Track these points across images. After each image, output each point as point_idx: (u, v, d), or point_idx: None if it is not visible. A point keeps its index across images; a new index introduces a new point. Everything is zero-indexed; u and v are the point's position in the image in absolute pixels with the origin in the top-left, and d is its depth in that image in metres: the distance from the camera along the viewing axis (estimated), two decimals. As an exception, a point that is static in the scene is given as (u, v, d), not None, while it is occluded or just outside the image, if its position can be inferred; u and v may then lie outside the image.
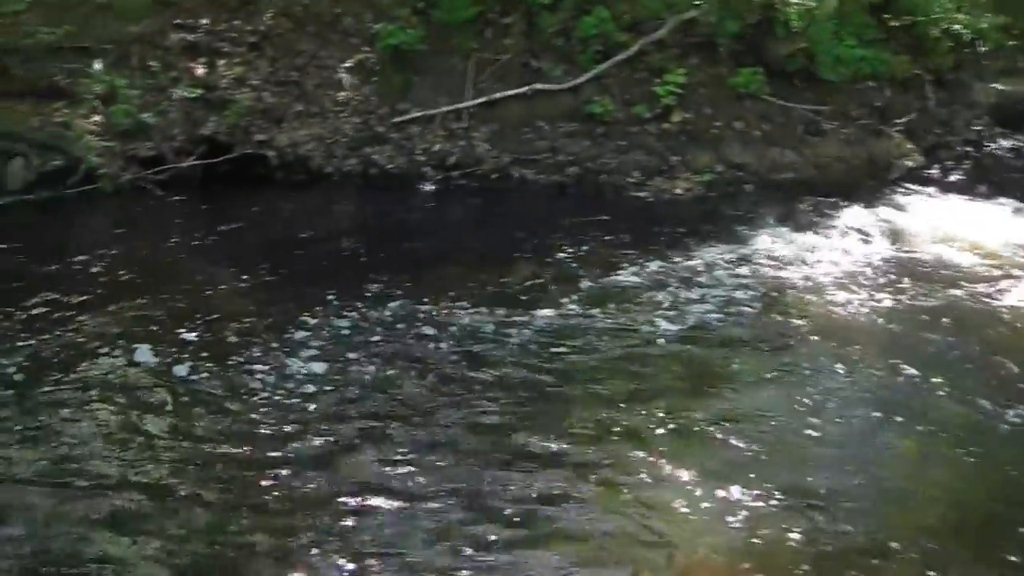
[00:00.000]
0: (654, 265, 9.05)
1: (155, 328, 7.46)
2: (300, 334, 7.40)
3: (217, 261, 9.11)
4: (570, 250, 9.41)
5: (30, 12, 11.13)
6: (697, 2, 12.20)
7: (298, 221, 10.24)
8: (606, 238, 9.76)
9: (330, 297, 8.12)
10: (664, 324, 7.80)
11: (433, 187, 11.18)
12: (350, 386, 6.63)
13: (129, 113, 10.72)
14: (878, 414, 6.52)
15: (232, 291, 8.33)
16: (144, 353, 6.90)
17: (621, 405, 6.48)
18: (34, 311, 7.73)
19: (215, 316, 7.72)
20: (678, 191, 11.27)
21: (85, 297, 8.06)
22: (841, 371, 7.06)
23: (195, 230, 10.04)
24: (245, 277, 8.63)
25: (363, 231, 10.18)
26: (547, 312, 7.95)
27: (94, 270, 8.73)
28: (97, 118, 10.81)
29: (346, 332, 7.53)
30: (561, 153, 11.52)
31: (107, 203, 10.49)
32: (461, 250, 9.60)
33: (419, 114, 11.48)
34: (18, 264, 8.84)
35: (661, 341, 7.56)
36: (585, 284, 8.56)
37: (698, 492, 5.49)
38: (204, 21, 11.73)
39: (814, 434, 6.16)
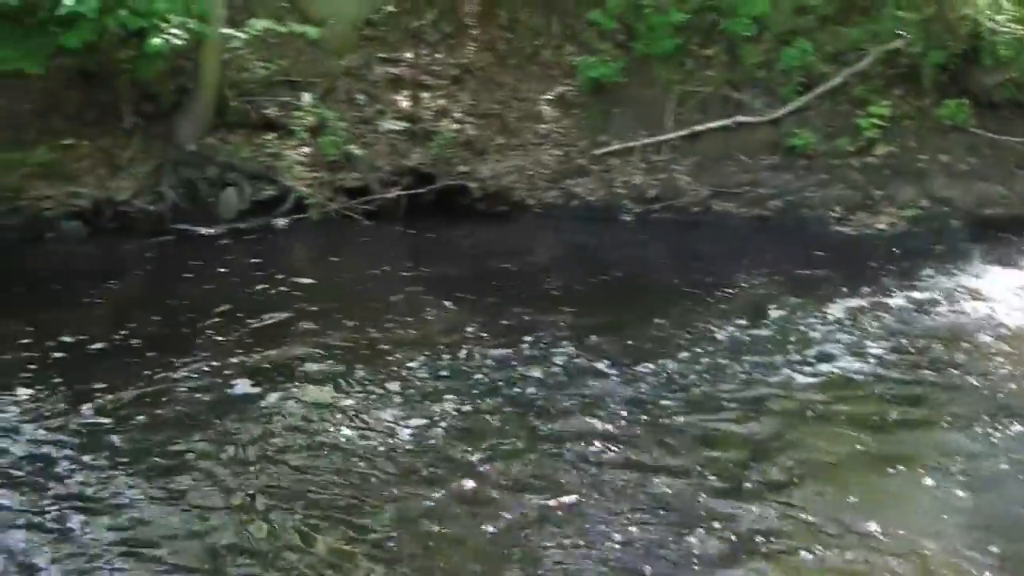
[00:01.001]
0: (853, 302, 8.81)
1: (361, 351, 7.62)
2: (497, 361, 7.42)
3: (419, 289, 9.35)
4: (768, 284, 9.35)
5: (246, 48, 11.59)
6: (901, 32, 12.05)
7: (499, 251, 10.43)
8: (805, 273, 9.67)
9: (526, 333, 8.04)
10: (857, 364, 7.48)
11: (632, 219, 11.24)
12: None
13: (337, 144, 11.08)
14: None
15: (434, 319, 8.51)
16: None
17: (823, 446, 6.22)
18: (246, 331, 8.02)
19: (424, 341, 7.85)
20: (881, 226, 11.14)
21: (292, 320, 8.33)
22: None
23: (399, 258, 10.39)
24: (446, 305, 8.79)
25: (562, 263, 10.35)
26: (756, 356, 7.63)
27: (302, 294, 9.06)
28: (306, 149, 11.20)
29: (548, 366, 7.41)
30: (762, 186, 11.51)
31: (315, 231, 10.86)
32: (660, 284, 9.67)
33: (619, 146, 11.63)
34: (231, 287, 9.26)
35: (858, 378, 7.24)
36: (782, 319, 8.41)
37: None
38: (408, 55, 12.12)
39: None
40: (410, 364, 7.29)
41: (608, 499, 5.41)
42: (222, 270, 9.72)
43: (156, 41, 10.38)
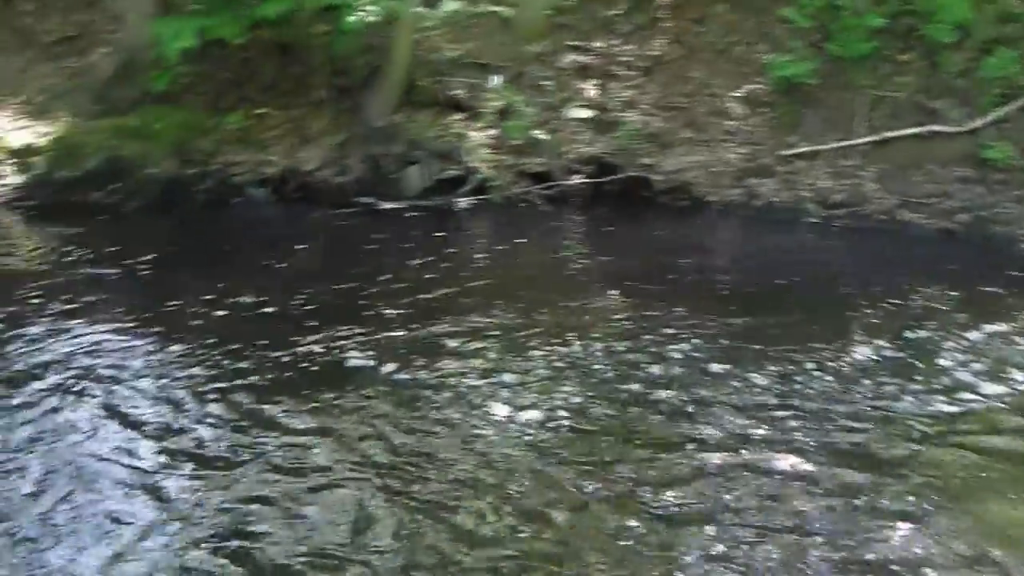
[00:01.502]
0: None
1: (521, 334, 7.70)
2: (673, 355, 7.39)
3: (593, 278, 9.37)
4: (944, 299, 8.98)
5: (437, 29, 11.79)
6: (1113, 44, 11.64)
7: (675, 246, 10.35)
8: (986, 291, 9.31)
9: (683, 330, 7.93)
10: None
11: (815, 223, 11.08)
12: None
13: (522, 129, 11.17)
14: None
15: (603, 308, 8.47)
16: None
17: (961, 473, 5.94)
18: (413, 305, 8.26)
19: (583, 330, 7.84)
20: (1080, 249, 10.73)
21: (467, 298, 8.49)
22: None
23: (574, 246, 10.43)
24: (611, 296, 8.77)
25: (736, 263, 10.18)
26: (911, 373, 7.30)
27: (473, 274, 9.21)
28: (492, 132, 11.31)
29: (714, 367, 7.30)
30: (952, 198, 11.21)
31: (495, 213, 10.98)
32: (833, 291, 9.34)
33: (807, 148, 11.46)
34: (406, 262, 9.47)
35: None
36: (947, 335, 8.00)
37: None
38: (597, 44, 12.14)
39: None
40: (562, 351, 7.33)
41: (737, 508, 5.38)
42: (400, 245, 9.91)
43: (351, 18, 10.61)
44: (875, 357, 7.40)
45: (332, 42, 11.35)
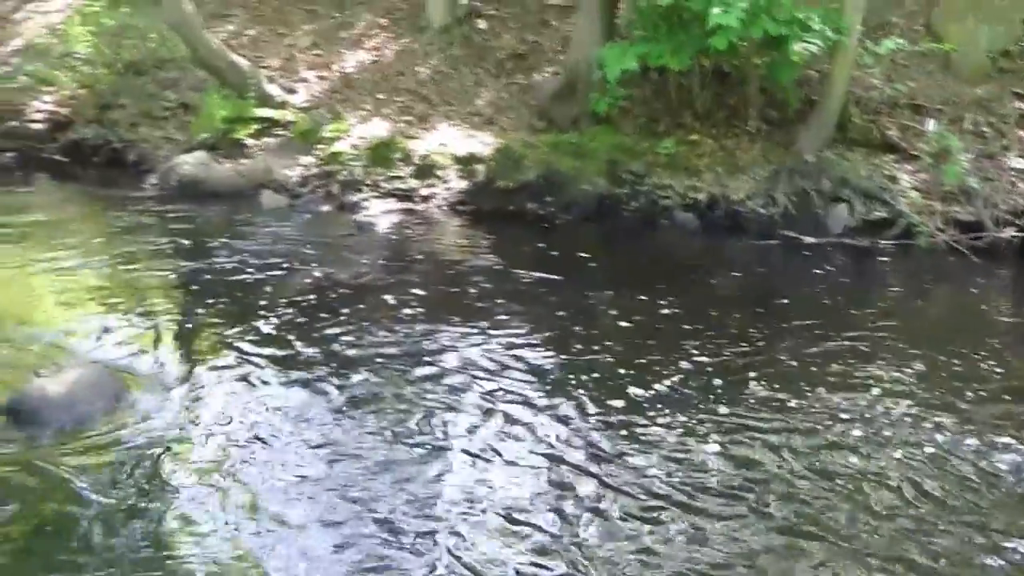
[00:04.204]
0: None
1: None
2: None
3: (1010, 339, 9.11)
4: None
5: (875, 66, 12.28)
6: None
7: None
8: None
9: None
10: None
11: None
12: None
13: (957, 175, 11.40)
14: None
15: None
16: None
17: None
18: (813, 345, 8.44)
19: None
20: None
21: (877, 342, 8.65)
22: None
23: (998, 301, 10.37)
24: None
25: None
26: None
27: (894, 318, 9.39)
28: (924, 176, 11.66)
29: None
30: None
31: (919, 259, 11.17)
32: None
33: None
34: (821, 299, 9.93)
35: None
36: None
37: None
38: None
39: None
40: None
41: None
42: (820, 282, 10.30)
43: (797, 48, 11.26)
44: None
45: (769, 73, 12.03)
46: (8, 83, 15.19)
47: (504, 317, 8.70)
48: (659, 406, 6.99)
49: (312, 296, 9.10)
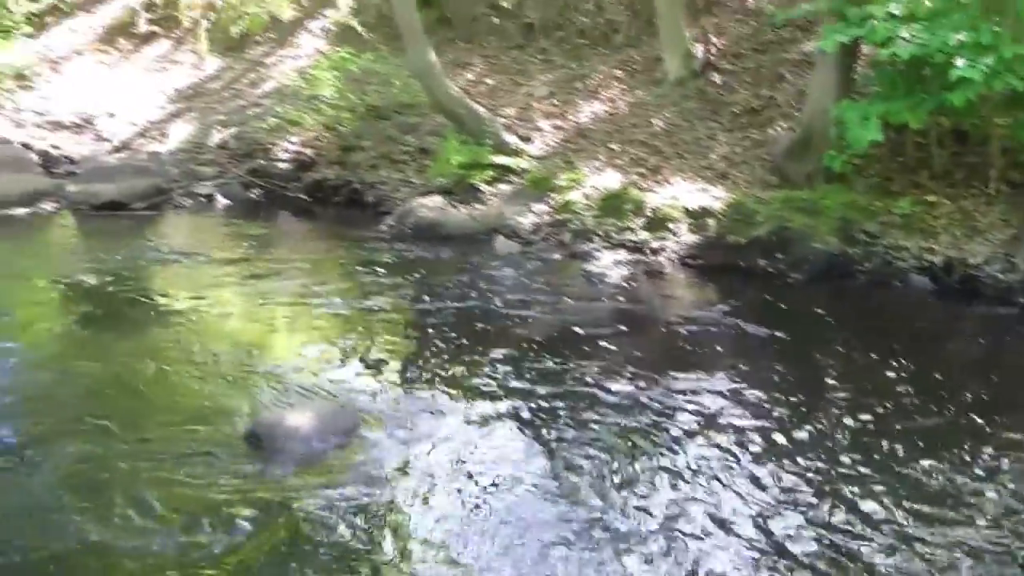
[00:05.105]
0: None
1: None
2: None
3: None
4: None
5: None
6: None
7: None
8: None
9: None
10: None
11: None
12: None
13: None
14: None
15: None
16: None
17: None
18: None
19: None
20: None
21: None
22: None
23: None
24: None
25: None
26: None
27: None
28: None
29: None
30: None
31: None
32: None
33: None
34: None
35: None
36: None
37: None
38: None
39: None
40: None
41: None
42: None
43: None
44: None
45: (1013, 133, 11.89)
46: (259, 124, 16.08)
47: (728, 371, 8.89)
48: (885, 473, 7.04)
49: (541, 341, 9.47)
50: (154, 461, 6.88)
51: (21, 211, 14.49)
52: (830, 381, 8.89)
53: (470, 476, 6.81)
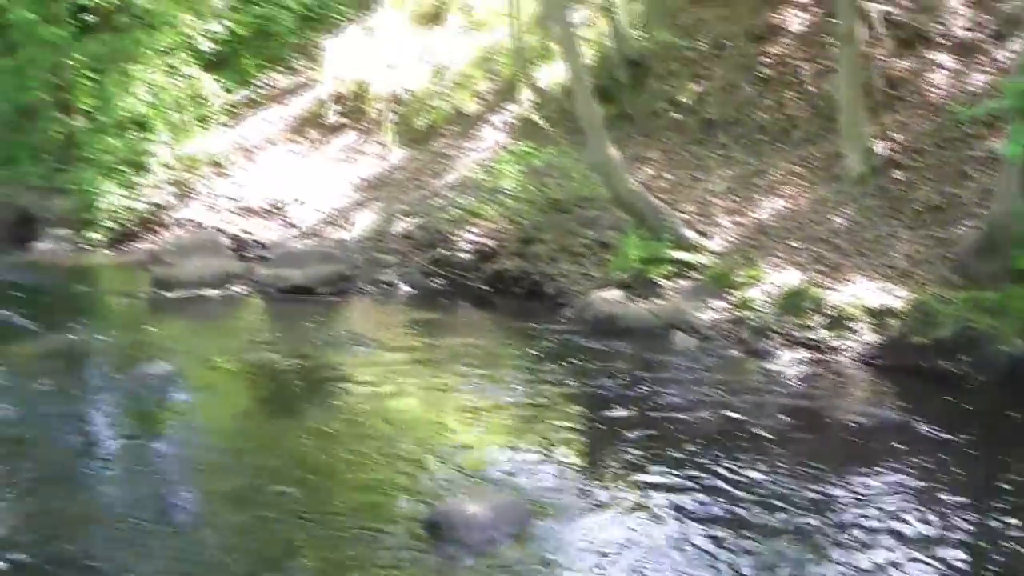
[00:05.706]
0: None
1: None
2: None
3: None
4: None
5: None
6: None
7: None
8: None
9: None
10: None
11: None
12: None
13: None
14: None
15: None
16: None
17: None
18: None
19: None
20: None
21: None
22: None
23: None
24: None
25: None
26: None
27: None
28: None
29: None
30: None
31: None
32: None
33: None
34: None
35: None
36: None
37: None
38: None
39: None
40: None
41: None
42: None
43: None
44: None
45: None
46: (441, 214, 16.70)
47: (905, 475, 8.96)
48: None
49: (717, 437, 9.68)
50: (332, 538, 7.33)
51: (213, 292, 15.32)
52: (1010, 487, 8.81)
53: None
